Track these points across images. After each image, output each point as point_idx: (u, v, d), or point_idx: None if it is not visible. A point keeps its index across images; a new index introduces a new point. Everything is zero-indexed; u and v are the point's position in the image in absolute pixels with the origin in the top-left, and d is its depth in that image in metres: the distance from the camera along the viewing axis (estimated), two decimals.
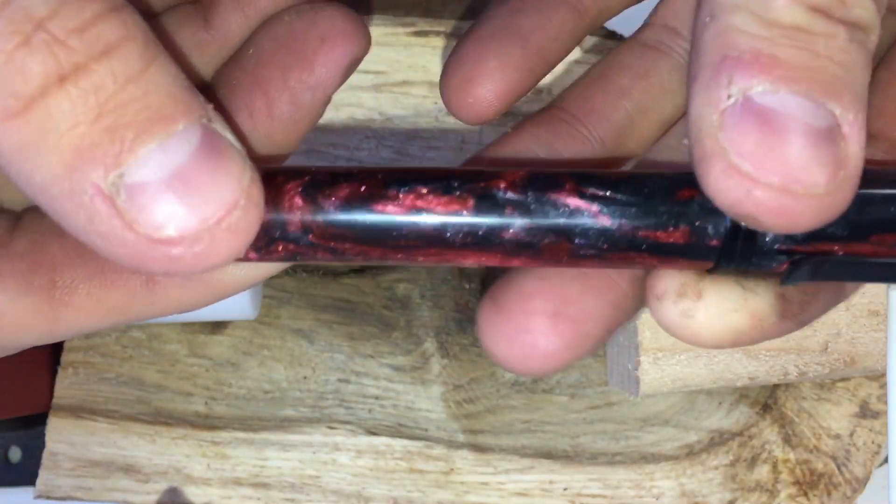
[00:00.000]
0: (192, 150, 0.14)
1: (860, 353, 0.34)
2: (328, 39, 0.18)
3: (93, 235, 0.14)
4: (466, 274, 0.40)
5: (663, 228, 0.16)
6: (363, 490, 0.38)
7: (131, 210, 0.14)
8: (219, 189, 0.14)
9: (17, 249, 0.17)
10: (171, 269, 0.14)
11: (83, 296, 0.17)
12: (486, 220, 0.16)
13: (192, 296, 0.17)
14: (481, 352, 0.39)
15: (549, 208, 0.16)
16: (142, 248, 0.14)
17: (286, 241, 0.16)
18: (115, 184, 0.13)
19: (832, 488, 0.37)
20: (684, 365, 0.33)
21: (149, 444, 0.38)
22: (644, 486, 0.38)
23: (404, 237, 0.16)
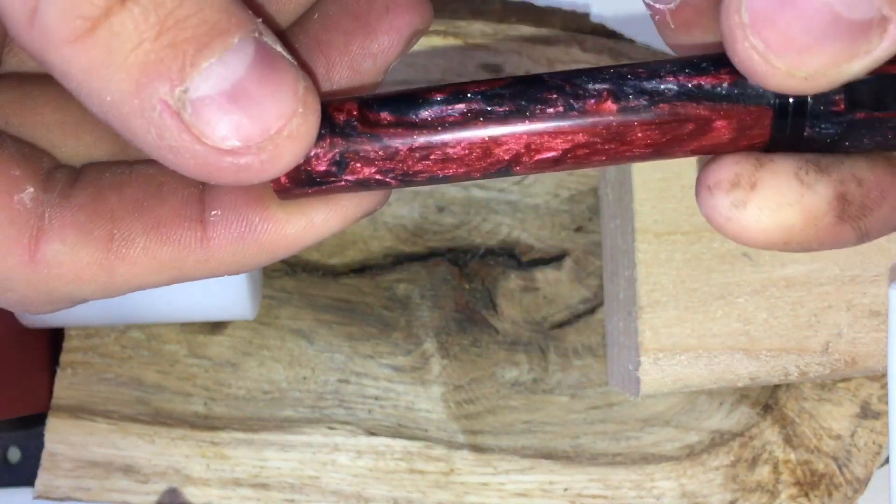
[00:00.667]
0: (248, 62, 0.14)
1: (861, 353, 0.34)
2: (393, 8, 0.18)
3: (164, 150, 0.15)
4: (466, 274, 0.40)
5: (710, 73, 0.16)
6: (363, 491, 0.38)
7: (198, 123, 0.14)
8: (277, 99, 0.15)
9: (77, 201, 0.17)
10: (239, 178, 0.15)
11: (139, 249, 0.17)
12: (528, 97, 0.16)
13: (246, 254, 0.18)
14: (481, 352, 0.39)
15: (589, 80, 0.16)
16: (211, 159, 0.15)
17: (344, 145, 0.16)
18: (180, 99, 0.14)
19: (833, 489, 0.37)
20: (685, 365, 0.33)
21: (148, 445, 0.38)
22: (645, 486, 0.38)
23: (452, 116, 0.16)
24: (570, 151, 0.16)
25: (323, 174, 0.16)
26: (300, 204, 0.18)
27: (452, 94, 0.16)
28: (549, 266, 0.39)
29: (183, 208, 0.18)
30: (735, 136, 0.16)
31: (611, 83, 0.16)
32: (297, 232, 0.18)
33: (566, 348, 0.39)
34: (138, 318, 0.38)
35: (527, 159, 0.16)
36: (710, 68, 0.16)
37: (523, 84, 0.16)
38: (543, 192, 0.40)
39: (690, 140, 0.16)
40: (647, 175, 0.34)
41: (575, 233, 0.40)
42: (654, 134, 0.16)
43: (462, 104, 0.16)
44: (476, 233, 0.40)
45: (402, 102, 0.16)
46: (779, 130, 0.16)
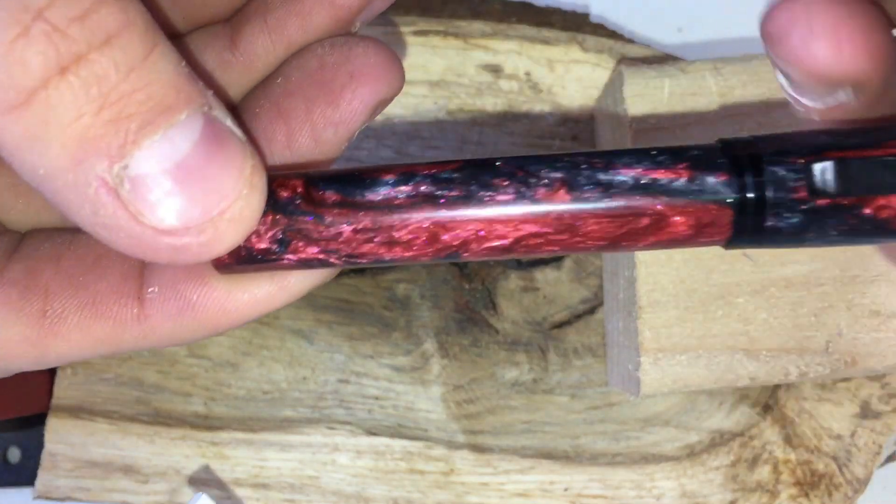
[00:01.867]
0: (195, 139, 0.14)
1: (861, 353, 0.34)
2: (357, 76, 0.17)
3: (98, 227, 0.14)
4: (466, 274, 0.40)
5: (667, 167, 0.15)
6: (363, 491, 0.38)
7: (135, 201, 0.14)
8: (222, 179, 0.14)
9: (10, 276, 0.17)
10: (176, 259, 0.14)
11: (72, 326, 0.17)
12: None
13: (185, 329, 0.17)
14: (482, 352, 0.39)
15: (542, 167, 0.16)
16: (147, 238, 0.14)
17: (285, 227, 0.16)
18: (119, 175, 0.13)
19: (833, 489, 0.37)
20: (685, 365, 0.33)
21: (148, 445, 0.38)
22: (645, 486, 0.38)
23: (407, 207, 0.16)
24: (521, 241, 0.16)
25: (264, 252, 0.16)
26: (242, 279, 0.17)
27: (401, 175, 0.16)
28: (549, 266, 0.39)
29: (121, 284, 0.17)
30: (693, 234, 0.16)
31: (564, 171, 0.15)
32: (239, 308, 0.17)
33: (566, 348, 0.39)
34: None
35: (475, 246, 0.16)
36: (667, 161, 0.15)
37: (474, 168, 0.16)
38: None
39: (646, 234, 0.16)
40: None
41: None
42: (609, 226, 0.16)
43: (410, 186, 0.16)
44: None
45: (348, 181, 0.16)
46: (739, 225, 0.16)
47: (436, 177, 0.16)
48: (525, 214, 0.16)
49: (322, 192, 0.16)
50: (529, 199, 0.16)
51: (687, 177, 0.15)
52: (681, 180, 0.15)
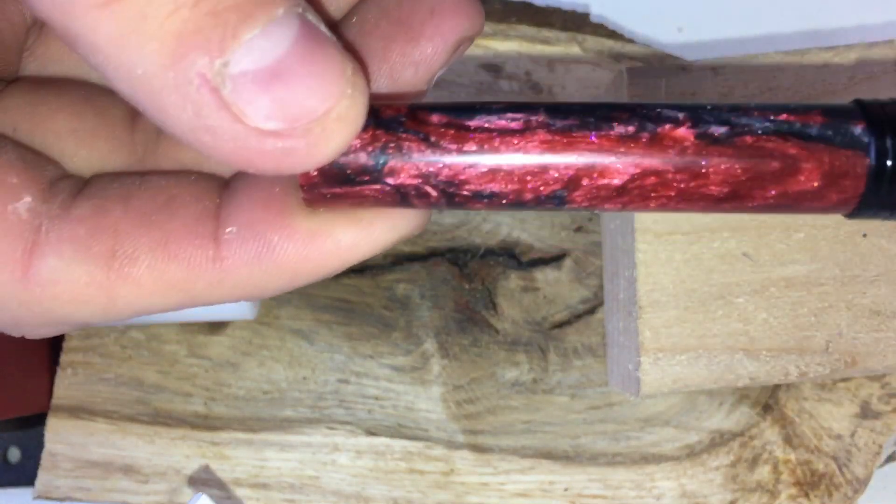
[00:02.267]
0: (293, 37, 0.13)
1: (861, 353, 0.34)
2: (439, 11, 0.16)
3: (201, 131, 0.13)
4: (466, 274, 0.40)
5: (800, 113, 0.14)
6: (363, 491, 0.38)
7: (238, 101, 0.13)
8: (325, 78, 0.13)
9: (78, 213, 0.16)
10: (282, 165, 0.14)
11: (144, 268, 0.16)
12: None
13: (263, 277, 0.16)
14: (481, 352, 0.39)
15: (666, 107, 0.15)
16: (252, 141, 0.13)
17: (388, 134, 0.15)
18: (220, 73, 0.13)
19: (833, 489, 0.37)
20: (685, 365, 0.33)
21: (148, 445, 0.38)
22: (645, 486, 0.38)
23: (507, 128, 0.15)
24: (637, 179, 0.15)
25: (359, 171, 0.15)
26: (327, 223, 0.16)
27: (514, 105, 0.15)
28: (549, 266, 0.39)
29: (195, 224, 0.16)
30: (823, 185, 0.14)
31: (689, 111, 0.14)
32: (321, 255, 0.16)
33: (566, 348, 0.39)
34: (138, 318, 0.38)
35: (587, 182, 0.15)
36: (799, 109, 0.14)
37: (595, 105, 0.15)
38: None
39: (773, 182, 0.14)
40: None
41: (575, 233, 0.40)
42: (734, 168, 0.14)
43: (522, 114, 0.15)
44: (476, 233, 0.40)
45: (457, 108, 0.15)
46: (876, 181, 0.14)
47: (551, 107, 0.15)
48: (644, 149, 0.14)
49: (428, 115, 0.15)
50: (650, 133, 0.14)
51: (822, 122, 0.14)
52: (815, 126, 0.14)
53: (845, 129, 0.14)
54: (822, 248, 0.34)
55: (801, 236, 0.34)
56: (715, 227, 0.34)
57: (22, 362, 0.39)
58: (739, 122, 0.14)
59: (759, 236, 0.34)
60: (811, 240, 0.34)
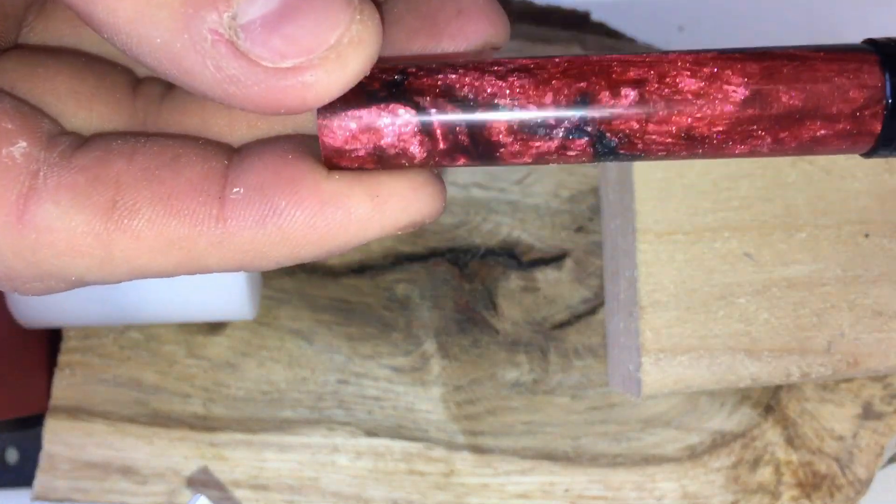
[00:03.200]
0: None
1: (863, 353, 0.34)
2: (466, 13, 0.17)
3: (226, 84, 0.14)
4: (467, 274, 0.39)
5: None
6: (362, 492, 0.38)
7: (254, 48, 0.14)
8: (332, 7, 0.14)
9: (79, 162, 0.16)
10: (308, 99, 0.14)
11: (144, 221, 0.15)
12: None
13: (266, 242, 0.16)
14: (482, 352, 0.39)
15: None
16: (274, 82, 0.14)
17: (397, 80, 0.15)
18: (231, 26, 0.14)
19: (835, 490, 0.37)
20: (686, 366, 0.33)
21: (146, 446, 0.38)
22: (646, 487, 0.37)
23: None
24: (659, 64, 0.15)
25: (378, 89, 0.15)
26: (339, 193, 0.15)
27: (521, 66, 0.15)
28: (549, 266, 0.39)
29: (201, 181, 0.16)
30: (843, 88, 0.15)
31: None
32: (329, 226, 0.16)
33: (567, 349, 0.39)
34: (137, 319, 0.37)
35: (657, 86, 0.15)
36: (805, 47, 0.15)
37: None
38: (544, 191, 0.39)
39: (796, 79, 0.15)
40: (649, 175, 0.34)
41: (575, 233, 0.39)
42: (752, 65, 0.15)
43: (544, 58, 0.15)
44: (476, 233, 0.39)
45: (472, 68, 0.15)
46: (892, 118, 0.15)
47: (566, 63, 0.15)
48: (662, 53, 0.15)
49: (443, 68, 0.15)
50: None
51: (828, 53, 0.15)
52: (823, 54, 0.15)
53: (858, 55, 0.15)
54: (823, 249, 0.34)
55: (803, 236, 0.34)
56: (716, 228, 0.34)
57: (20, 363, 0.39)
58: (756, 50, 0.15)
59: (761, 236, 0.34)
60: (813, 240, 0.34)
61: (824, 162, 0.34)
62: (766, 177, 0.34)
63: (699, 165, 0.34)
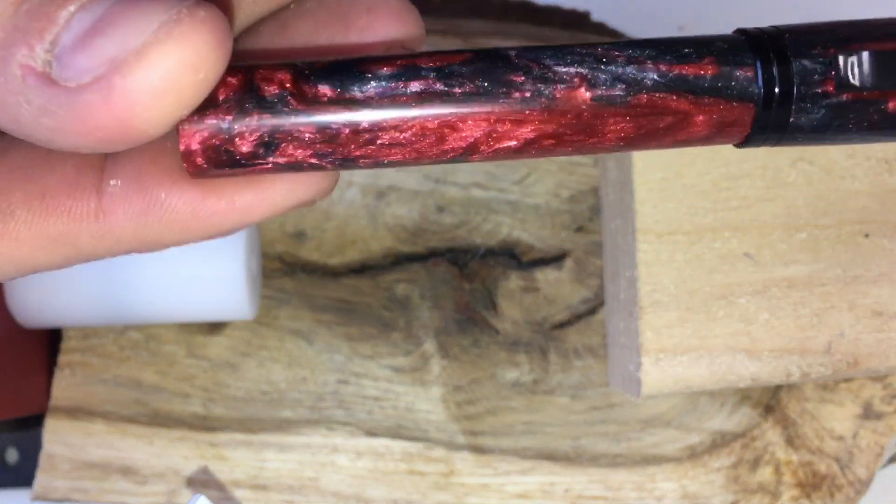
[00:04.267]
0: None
1: (864, 353, 0.34)
2: (374, 11, 0.16)
3: (41, 119, 0.13)
4: (467, 274, 0.39)
5: (693, 62, 0.15)
6: (362, 492, 0.38)
7: (63, 71, 0.13)
8: (147, 11, 0.13)
9: None
10: (117, 113, 0.13)
11: (21, 223, 0.15)
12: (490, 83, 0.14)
13: (149, 232, 0.15)
14: (482, 352, 0.39)
15: (560, 61, 0.15)
16: (79, 100, 0.13)
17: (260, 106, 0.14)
18: (47, 60, 0.13)
19: (835, 490, 0.37)
20: (686, 366, 0.33)
21: (146, 446, 0.38)
22: (646, 487, 0.37)
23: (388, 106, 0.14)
24: (535, 142, 0.15)
25: (248, 156, 0.14)
26: (220, 183, 0.15)
27: (404, 68, 0.14)
28: (549, 266, 0.39)
29: (76, 176, 0.15)
30: (712, 132, 0.15)
31: (584, 66, 0.14)
32: (213, 214, 0.15)
33: (567, 349, 0.39)
34: (136, 319, 0.37)
35: (485, 148, 0.15)
36: (692, 55, 0.15)
37: (486, 61, 0.14)
38: (544, 191, 0.39)
39: (665, 135, 0.15)
40: (649, 175, 0.34)
41: (575, 233, 0.39)
42: (628, 127, 0.15)
43: (416, 82, 0.14)
44: (476, 233, 0.39)
45: (344, 75, 0.14)
46: (761, 122, 0.15)
47: (442, 70, 0.14)
48: (541, 114, 0.14)
49: (315, 87, 0.14)
50: (547, 98, 0.14)
51: (713, 72, 0.15)
52: (707, 76, 0.15)
53: (737, 77, 0.15)
54: (824, 249, 0.34)
55: (803, 236, 0.34)
56: (716, 228, 0.34)
57: (20, 363, 0.39)
58: (636, 78, 0.14)
59: (761, 236, 0.34)
60: (813, 240, 0.34)
61: (824, 162, 0.34)
62: (766, 177, 0.34)
63: (699, 165, 0.34)
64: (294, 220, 0.40)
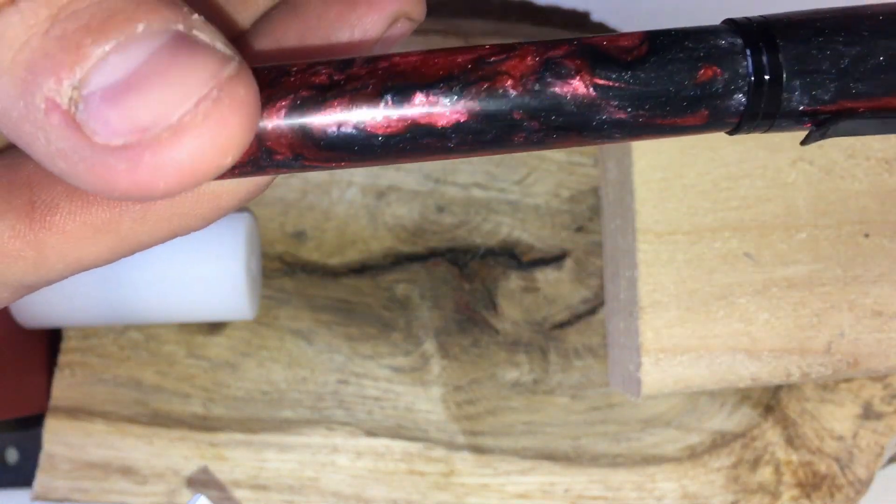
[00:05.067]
0: (153, 49, 0.12)
1: (863, 353, 0.34)
2: None
3: (56, 157, 0.13)
4: (467, 274, 0.39)
5: (682, 115, 0.15)
6: (362, 492, 0.38)
7: (90, 120, 0.12)
8: (185, 81, 0.12)
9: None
10: (135, 183, 0.13)
11: (66, 214, 0.15)
12: (494, 128, 0.15)
13: (184, 207, 0.16)
14: (482, 352, 0.39)
15: (559, 105, 0.15)
16: (100, 160, 0.12)
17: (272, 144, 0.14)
18: (73, 97, 0.12)
19: (835, 490, 0.37)
20: (686, 366, 0.33)
21: (146, 446, 0.38)
22: (646, 487, 0.37)
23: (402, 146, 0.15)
24: None
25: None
26: None
27: (410, 130, 0.15)
28: (549, 266, 0.39)
29: None
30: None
31: (582, 120, 0.15)
32: (234, 182, 0.16)
33: (567, 349, 0.39)
34: (137, 319, 0.37)
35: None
36: (688, 109, 0.15)
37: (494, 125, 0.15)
38: (544, 191, 0.39)
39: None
40: (649, 175, 0.34)
41: (576, 233, 0.39)
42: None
43: (423, 140, 0.15)
44: (476, 233, 0.39)
45: (354, 141, 0.15)
46: (751, 111, 0.15)
47: (448, 130, 0.15)
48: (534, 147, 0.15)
49: (325, 153, 0.15)
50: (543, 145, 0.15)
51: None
52: (697, 125, 0.15)
53: (724, 122, 0.15)
54: (824, 249, 0.34)
55: (803, 236, 0.34)
56: (716, 228, 0.34)
57: (20, 363, 0.39)
58: (627, 128, 0.15)
59: (761, 236, 0.34)
60: (813, 240, 0.34)
61: (824, 162, 0.34)
62: (766, 177, 0.34)
63: (699, 165, 0.34)
64: (294, 220, 0.40)
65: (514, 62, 0.15)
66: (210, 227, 0.37)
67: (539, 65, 0.15)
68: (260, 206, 0.40)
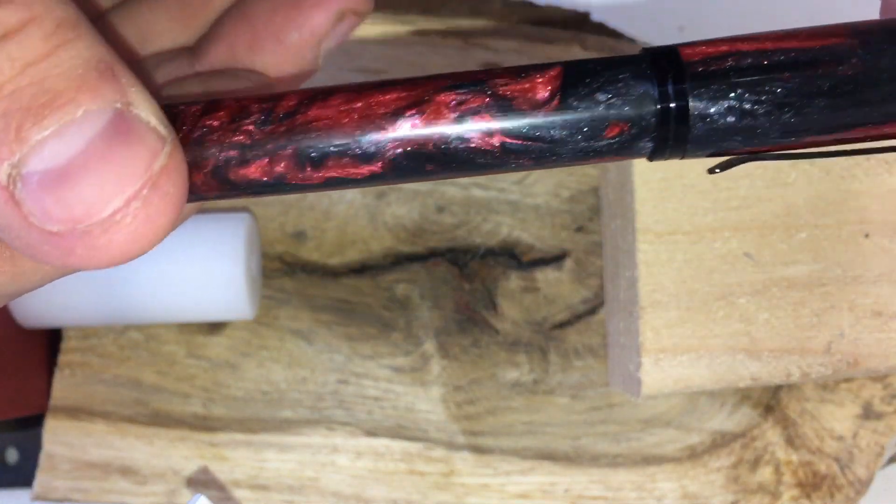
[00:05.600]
0: (92, 135, 0.13)
1: (864, 353, 0.34)
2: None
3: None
4: (467, 274, 0.39)
5: (587, 161, 0.16)
6: (362, 492, 0.38)
7: (26, 201, 0.13)
8: (120, 175, 0.13)
9: None
10: (68, 265, 0.13)
11: None
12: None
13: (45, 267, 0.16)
14: (482, 353, 0.39)
15: (471, 160, 0.15)
16: (36, 242, 0.13)
17: None
18: (13, 176, 0.13)
19: (835, 490, 0.37)
20: (686, 366, 0.33)
21: (146, 446, 0.38)
22: (646, 487, 0.37)
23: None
24: None
25: None
26: None
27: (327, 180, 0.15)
28: (549, 266, 0.39)
29: None
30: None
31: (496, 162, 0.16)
32: None
33: (567, 349, 0.39)
34: (137, 319, 0.37)
35: None
36: (601, 154, 0.16)
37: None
38: (544, 191, 0.39)
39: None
40: (649, 175, 0.34)
41: (575, 233, 0.39)
42: None
43: (369, 165, 0.15)
44: (476, 233, 0.39)
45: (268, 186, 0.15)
46: (662, 137, 0.15)
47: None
48: None
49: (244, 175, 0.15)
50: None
51: (618, 145, 0.15)
52: (613, 143, 0.15)
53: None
54: (824, 249, 0.34)
55: (803, 236, 0.34)
56: (716, 228, 0.34)
57: (20, 363, 0.39)
58: (514, 165, 0.15)
59: (761, 236, 0.34)
60: (813, 240, 0.34)
61: (824, 162, 0.34)
62: (766, 177, 0.34)
63: (700, 165, 0.34)
64: (294, 220, 0.40)
65: (428, 116, 0.15)
66: (210, 227, 0.37)
67: (453, 121, 0.15)
68: (260, 206, 0.40)
